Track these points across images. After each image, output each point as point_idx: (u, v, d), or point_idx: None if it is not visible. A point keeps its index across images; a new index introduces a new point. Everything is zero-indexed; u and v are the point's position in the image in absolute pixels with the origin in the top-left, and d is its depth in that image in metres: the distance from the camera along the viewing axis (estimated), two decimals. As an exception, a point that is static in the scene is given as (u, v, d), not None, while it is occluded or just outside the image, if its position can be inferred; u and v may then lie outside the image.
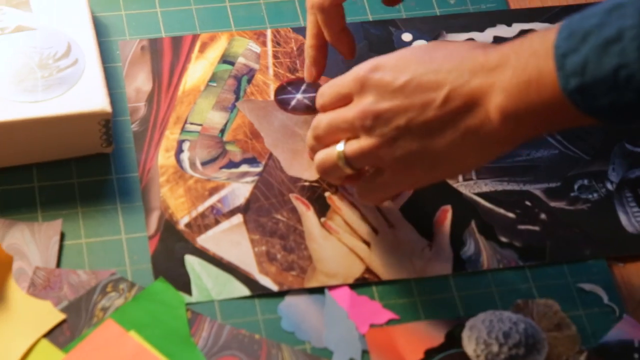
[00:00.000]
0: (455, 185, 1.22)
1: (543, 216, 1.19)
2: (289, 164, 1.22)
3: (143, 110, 1.24)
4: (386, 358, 1.08)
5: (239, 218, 1.17)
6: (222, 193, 1.19)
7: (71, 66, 1.20)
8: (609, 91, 0.93)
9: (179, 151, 1.21)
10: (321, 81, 1.29)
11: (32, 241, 1.12)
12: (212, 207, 1.17)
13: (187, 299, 1.10)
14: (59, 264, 1.11)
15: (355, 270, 1.13)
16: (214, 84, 1.27)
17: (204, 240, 1.15)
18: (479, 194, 1.21)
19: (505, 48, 1.03)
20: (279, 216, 1.17)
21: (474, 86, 1.02)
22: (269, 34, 1.32)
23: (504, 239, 1.17)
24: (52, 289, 1.08)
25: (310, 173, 1.23)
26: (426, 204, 1.20)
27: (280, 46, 1.32)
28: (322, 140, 1.15)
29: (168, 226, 1.15)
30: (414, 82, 1.06)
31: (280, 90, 1.27)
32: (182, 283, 1.11)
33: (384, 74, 1.08)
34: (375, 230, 1.18)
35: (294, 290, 1.12)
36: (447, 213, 1.19)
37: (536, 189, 1.21)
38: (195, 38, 1.31)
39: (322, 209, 1.19)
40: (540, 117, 1.02)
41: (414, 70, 1.08)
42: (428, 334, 1.09)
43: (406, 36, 1.34)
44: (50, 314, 1.06)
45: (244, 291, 1.11)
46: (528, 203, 1.20)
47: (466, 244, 1.16)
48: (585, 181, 1.22)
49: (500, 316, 1.07)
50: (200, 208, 1.17)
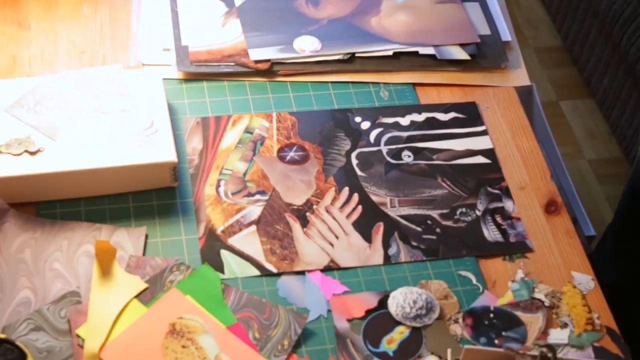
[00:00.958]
0: (385, 210, 1.21)
1: (438, 230, 1.18)
2: (285, 194, 1.21)
3: (196, 161, 1.24)
4: (342, 314, 1.08)
5: (253, 227, 1.17)
6: (244, 212, 1.19)
7: (153, 134, 1.21)
8: None
9: (218, 186, 1.21)
10: (307, 145, 1.29)
11: (128, 239, 1.13)
12: (238, 221, 1.18)
13: (221, 276, 1.11)
14: (144, 253, 1.13)
15: (324, 261, 1.14)
16: (240, 146, 1.27)
17: (232, 240, 1.15)
18: (400, 216, 1.19)
19: None
20: (278, 227, 1.17)
21: None
22: (274, 115, 1.31)
23: (414, 243, 1.16)
24: (140, 268, 1.10)
25: (299, 200, 1.23)
26: (368, 221, 1.19)
27: (281, 123, 1.31)
28: None
29: (210, 232, 1.16)
30: None
31: (280, 150, 1.27)
32: (218, 266, 1.12)
33: None
34: (336, 237, 1.17)
35: (286, 273, 1.13)
36: (380, 227, 1.18)
37: (434, 213, 1.21)
38: (229, 118, 1.30)
39: (304, 223, 1.19)
40: None
41: None
42: (367, 300, 1.09)
43: (357, 119, 1.33)
44: (139, 284, 1.08)
45: (256, 272, 1.12)
46: (429, 222, 1.19)
47: (391, 246, 1.16)
48: (464, 209, 1.21)
49: (411, 290, 1.09)
50: (230, 221, 1.18)
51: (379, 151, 1.28)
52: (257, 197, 1.20)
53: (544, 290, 1.12)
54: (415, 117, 1.32)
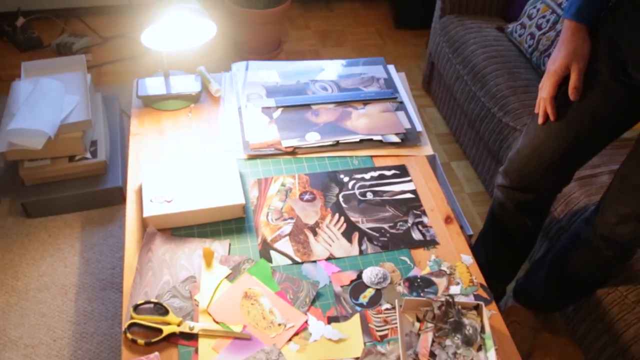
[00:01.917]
0: (359, 225, 1.19)
1: (388, 235, 1.18)
2: (304, 219, 1.20)
3: (255, 202, 1.22)
4: (337, 283, 1.08)
5: (287, 237, 1.16)
6: (281, 229, 1.17)
7: (232, 189, 1.21)
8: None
9: (267, 215, 1.20)
10: (315, 191, 1.29)
11: (220, 247, 1.12)
12: (278, 234, 1.17)
13: (271, 265, 1.11)
14: (229, 254, 1.12)
15: (326, 254, 1.13)
16: (278, 193, 1.25)
17: (276, 245, 1.14)
18: (367, 228, 1.19)
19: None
20: (300, 236, 1.16)
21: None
22: (296, 176, 1.28)
23: (375, 243, 1.16)
24: (227, 263, 1.10)
25: (311, 221, 1.19)
26: (349, 231, 1.18)
27: (300, 180, 1.28)
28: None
29: (264, 241, 1.15)
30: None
31: (300, 195, 1.24)
32: (269, 259, 1.11)
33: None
34: (332, 241, 1.16)
35: (306, 261, 1.12)
36: (356, 235, 1.17)
37: (386, 226, 1.19)
38: (271, 178, 1.27)
39: (315, 234, 1.17)
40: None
41: None
42: (351, 275, 1.10)
43: (341, 176, 1.29)
44: (226, 271, 1.08)
45: (289, 262, 1.12)
46: (383, 230, 1.18)
47: (363, 245, 1.15)
48: (401, 223, 1.20)
49: (375, 268, 1.11)
50: (274, 234, 1.16)
51: (354, 193, 1.27)
52: (288, 221, 1.20)
53: (445, 265, 1.14)
54: (373, 174, 1.31)
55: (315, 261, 1.12)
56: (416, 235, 1.19)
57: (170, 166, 1.25)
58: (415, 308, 1.01)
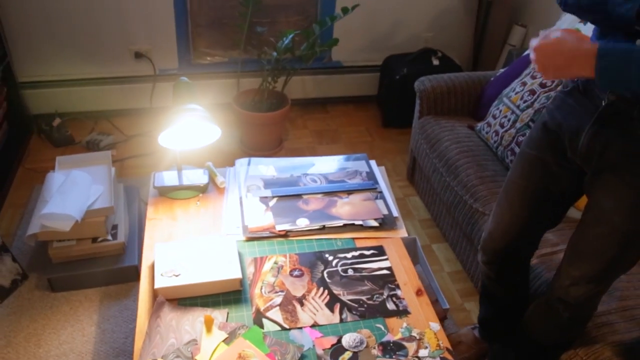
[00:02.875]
0: (340, 297, 1.23)
1: (365, 305, 1.20)
2: (292, 291, 1.24)
3: (251, 277, 1.27)
4: (320, 347, 1.09)
5: (278, 307, 1.21)
6: (273, 300, 1.23)
7: (232, 264, 1.29)
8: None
9: (261, 289, 1.25)
10: (303, 269, 1.36)
11: (219, 315, 1.18)
12: (271, 305, 1.22)
13: (263, 330, 1.15)
14: (227, 321, 1.17)
15: (311, 322, 1.16)
16: (271, 270, 1.30)
17: (268, 314, 1.20)
18: (347, 299, 1.23)
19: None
20: (289, 306, 1.21)
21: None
22: (287, 255, 1.33)
23: (354, 312, 1.18)
24: (224, 328, 1.15)
25: (299, 294, 1.23)
26: (331, 303, 1.20)
27: (290, 259, 1.31)
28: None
29: (257, 310, 1.20)
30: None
31: (290, 271, 1.29)
32: (261, 326, 1.16)
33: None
34: (317, 310, 1.19)
35: (293, 328, 1.16)
36: (338, 305, 1.21)
37: (364, 297, 1.21)
38: (266, 257, 1.32)
39: (302, 304, 1.19)
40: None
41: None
42: (332, 340, 1.12)
43: (326, 255, 1.32)
44: (224, 335, 1.14)
45: (279, 328, 1.17)
46: (361, 302, 1.20)
47: (343, 314, 1.19)
48: (377, 295, 1.22)
49: (353, 334, 1.15)
50: (267, 305, 1.21)
51: (337, 270, 1.34)
52: (279, 293, 1.26)
53: (415, 332, 1.18)
54: (354, 253, 1.38)
55: (301, 328, 1.16)
56: (390, 305, 1.24)
57: (180, 246, 1.34)
58: (387, 368, 1.08)
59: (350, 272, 1.33)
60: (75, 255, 1.78)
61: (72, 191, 1.76)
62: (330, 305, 1.24)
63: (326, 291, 1.28)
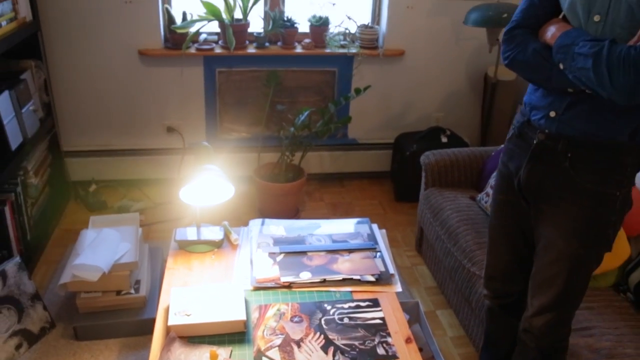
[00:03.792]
0: (335, 342, 1.30)
1: (357, 350, 1.27)
2: (292, 335, 1.29)
3: (255, 321, 1.35)
4: None
5: (277, 348, 1.29)
6: (273, 342, 1.31)
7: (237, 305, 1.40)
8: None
9: (263, 331, 1.33)
10: (303, 316, 1.45)
11: (224, 352, 1.27)
12: (270, 345, 1.30)
13: None
14: (230, 357, 1.27)
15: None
16: (274, 316, 1.37)
17: (268, 353, 1.27)
18: (341, 344, 1.29)
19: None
20: (288, 347, 1.28)
21: None
22: (290, 304, 1.37)
23: (347, 355, 1.26)
24: None
25: (298, 337, 1.31)
26: (326, 346, 1.27)
27: (292, 307, 1.38)
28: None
29: (258, 350, 1.28)
30: None
31: (291, 317, 1.36)
32: None
33: None
34: (312, 352, 1.26)
35: None
36: (332, 348, 1.27)
37: (356, 342, 1.28)
38: (270, 304, 1.40)
39: (299, 347, 1.27)
40: None
41: None
42: None
43: (326, 305, 1.40)
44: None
45: None
46: (354, 346, 1.27)
47: (336, 356, 1.25)
48: (369, 341, 1.29)
49: None
50: (268, 345, 1.29)
51: (334, 318, 1.41)
52: (279, 336, 1.34)
53: None
54: (350, 304, 1.46)
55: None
56: (380, 350, 1.31)
57: (193, 291, 1.46)
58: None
59: (346, 320, 1.41)
60: (100, 306, 1.91)
61: (102, 246, 1.93)
62: (325, 348, 1.30)
63: (322, 336, 1.35)
